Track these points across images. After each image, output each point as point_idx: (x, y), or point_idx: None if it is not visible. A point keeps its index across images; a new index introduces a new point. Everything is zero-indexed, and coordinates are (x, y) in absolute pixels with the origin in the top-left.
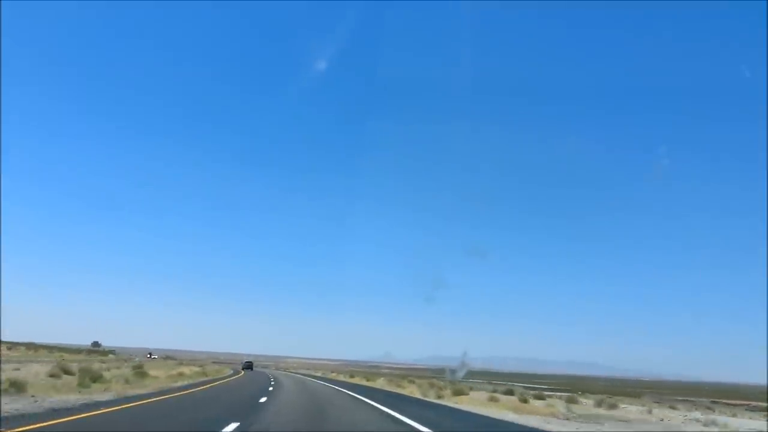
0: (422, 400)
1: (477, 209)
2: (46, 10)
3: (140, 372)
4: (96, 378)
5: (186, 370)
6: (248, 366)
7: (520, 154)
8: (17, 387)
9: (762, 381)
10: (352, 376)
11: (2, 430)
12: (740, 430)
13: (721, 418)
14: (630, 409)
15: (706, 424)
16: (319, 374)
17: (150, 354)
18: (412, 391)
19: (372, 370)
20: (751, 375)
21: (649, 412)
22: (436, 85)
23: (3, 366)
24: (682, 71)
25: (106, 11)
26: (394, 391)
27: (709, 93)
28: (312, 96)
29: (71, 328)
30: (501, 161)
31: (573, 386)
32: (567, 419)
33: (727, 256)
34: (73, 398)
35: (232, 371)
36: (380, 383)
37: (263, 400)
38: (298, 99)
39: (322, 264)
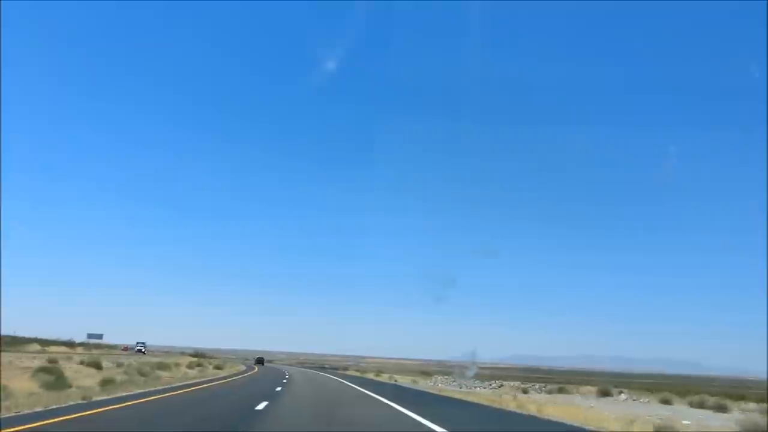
0: None
1: (511, 201)
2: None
3: None
4: None
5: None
6: (260, 361)
7: (534, 150)
8: None
9: None
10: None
11: (2, 430)
12: None
13: None
14: None
15: None
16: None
17: (126, 347)
18: None
19: (450, 370)
20: None
21: None
22: (447, 82)
23: None
24: (690, 69)
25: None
26: None
27: (717, 92)
28: (325, 91)
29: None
30: (515, 157)
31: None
32: None
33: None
34: None
35: (244, 367)
36: None
37: None
38: (312, 94)
39: (383, 260)
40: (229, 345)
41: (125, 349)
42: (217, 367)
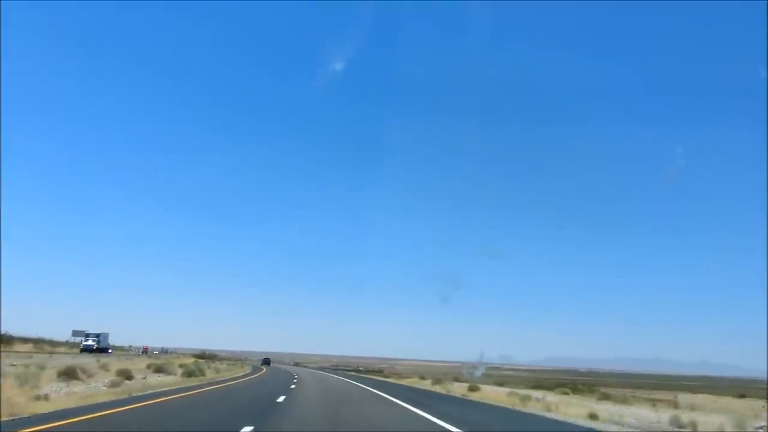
0: None
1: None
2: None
3: None
4: None
5: None
6: (266, 362)
7: (539, 151)
8: None
9: None
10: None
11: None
12: None
13: None
14: None
15: None
16: None
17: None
18: None
19: (495, 372)
20: None
21: None
22: (454, 82)
23: None
24: (697, 69)
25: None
26: None
27: (725, 93)
28: (331, 91)
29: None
30: (521, 158)
31: None
32: None
33: None
34: None
35: (245, 371)
36: None
37: None
38: (318, 94)
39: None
40: (262, 348)
41: (145, 351)
42: (190, 374)
